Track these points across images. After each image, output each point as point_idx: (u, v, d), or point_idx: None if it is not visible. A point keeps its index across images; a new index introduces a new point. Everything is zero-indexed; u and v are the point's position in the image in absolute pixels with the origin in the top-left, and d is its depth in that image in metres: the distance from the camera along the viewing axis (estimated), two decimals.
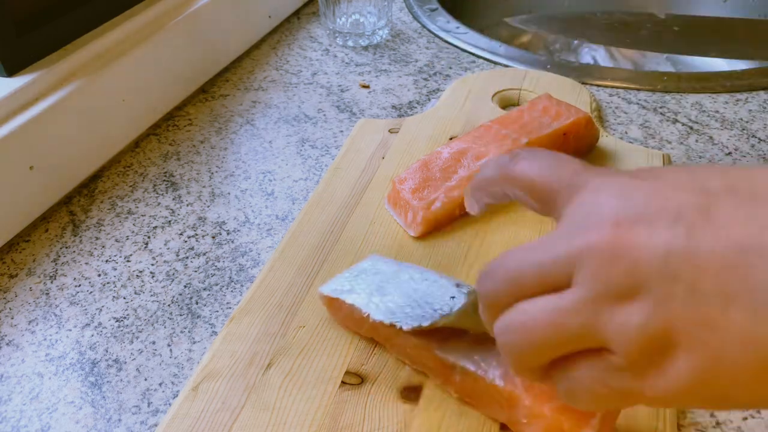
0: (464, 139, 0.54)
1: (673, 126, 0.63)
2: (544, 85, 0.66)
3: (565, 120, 0.54)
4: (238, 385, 0.39)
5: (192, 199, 0.56)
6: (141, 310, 0.47)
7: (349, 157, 0.58)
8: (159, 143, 0.63)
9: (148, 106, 0.63)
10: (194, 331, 0.45)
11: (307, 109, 0.67)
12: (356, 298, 0.40)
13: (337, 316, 0.42)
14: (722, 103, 0.66)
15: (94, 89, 0.56)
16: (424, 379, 0.40)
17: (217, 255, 0.51)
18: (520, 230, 0.50)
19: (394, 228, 0.51)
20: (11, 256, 0.51)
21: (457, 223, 0.51)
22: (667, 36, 0.98)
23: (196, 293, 0.48)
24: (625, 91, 0.68)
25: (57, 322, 0.46)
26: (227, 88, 0.71)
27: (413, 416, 0.38)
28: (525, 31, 1.04)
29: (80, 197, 0.57)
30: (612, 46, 0.96)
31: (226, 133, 0.64)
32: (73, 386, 0.42)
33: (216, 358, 0.41)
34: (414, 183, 0.51)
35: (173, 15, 0.65)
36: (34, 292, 0.48)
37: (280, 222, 0.54)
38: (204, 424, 0.37)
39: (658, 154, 0.57)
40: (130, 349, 0.44)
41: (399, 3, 0.88)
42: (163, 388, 0.41)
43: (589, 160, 0.56)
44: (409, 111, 0.67)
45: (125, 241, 0.52)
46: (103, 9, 0.60)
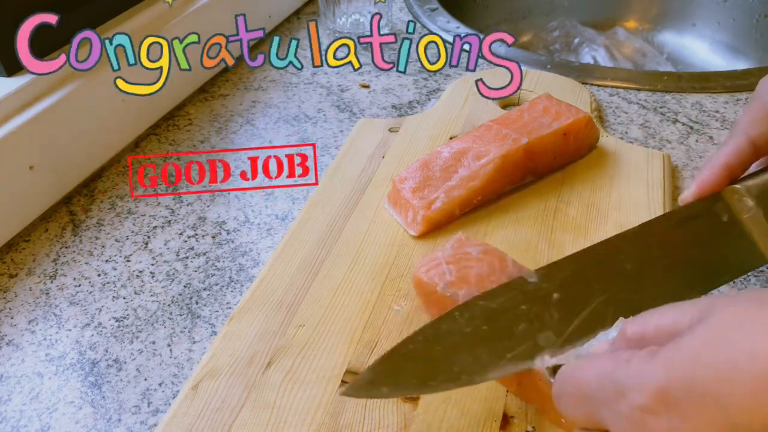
0: (464, 139, 0.54)
1: (674, 126, 0.63)
2: (544, 85, 0.66)
3: (565, 120, 0.54)
4: (238, 384, 0.39)
5: (192, 199, 0.56)
6: (141, 310, 0.47)
7: (349, 157, 0.58)
8: (159, 143, 0.63)
9: (148, 106, 0.63)
10: (194, 331, 0.45)
11: (307, 109, 0.67)
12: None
13: (426, 298, 0.42)
14: (722, 103, 0.66)
15: (94, 89, 0.56)
16: None
17: (217, 255, 0.51)
18: (520, 230, 0.50)
19: (394, 227, 0.51)
20: (11, 256, 0.51)
21: (458, 222, 0.51)
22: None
23: (196, 293, 0.48)
24: (625, 91, 0.68)
25: (57, 322, 0.46)
26: (227, 87, 0.71)
27: (413, 416, 0.37)
28: (525, 31, 1.04)
29: (80, 197, 0.57)
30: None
31: (226, 133, 0.64)
32: (73, 386, 0.42)
33: (216, 357, 0.41)
34: (414, 182, 0.51)
35: (173, 15, 0.65)
36: (34, 292, 0.48)
37: (280, 222, 0.54)
38: (204, 423, 0.37)
39: (658, 154, 0.57)
40: (130, 349, 0.44)
41: (399, 3, 0.88)
42: (163, 388, 0.41)
43: (589, 160, 0.56)
44: (409, 111, 0.67)
45: (125, 241, 0.52)
46: (103, 9, 0.60)
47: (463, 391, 0.39)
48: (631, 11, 1.03)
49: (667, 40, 1.00)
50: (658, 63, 0.95)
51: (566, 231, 0.50)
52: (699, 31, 0.98)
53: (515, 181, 0.53)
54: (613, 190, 0.53)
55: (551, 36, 1.00)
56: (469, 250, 0.42)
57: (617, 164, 0.56)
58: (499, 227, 0.50)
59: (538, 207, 0.52)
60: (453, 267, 0.41)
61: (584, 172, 0.56)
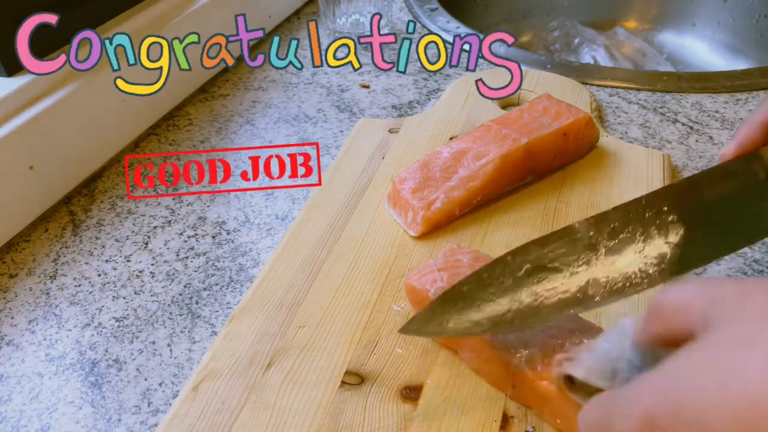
0: (464, 139, 0.54)
1: (673, 126, 0.63)
2: (544, 85, 0.66)
3: (565, 120, 0.54)
4: (238, 385, 0.39)
5: (192, 199, 0.56)
6: (141, 310, 0.47)
7: (349, 157, 0.58)
8: (159, 143, 0.63)
9: (148, 106, 0.63)
10: (194, 331, 0.45)
11: (307, 109, 0.67)
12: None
13: (419, 305, 0.42)
14: (722, 103, 0.66)
15: (94, 89, 0.56)
16: (424, 379, 0.40)
17: (217, 255, 0.51)
18: (520, 230, 0.50)
19: (394, 228, 0.51)
20: (11, 256, 0.51)
21: (457, 222, 0.51)
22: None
23: (196, 293, 0.48)
24: (625, 91, 0.68)
25: (57, 322, 0.46)
26: (227, 87, 0.71)
27: (413, 416, 0.38)
28: (525, 31, 1.04)
29: (80, 197, 0.57)
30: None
31: (226, 133, 0.64)
32: (73, 386, 0.42)
33: (216, 358, 0.41)
34: (414, 183, 0.51)
35: (173, 15, 0.65)
36: (34, 292, 0.48)
37: (280, 222, 0.54)
38: (204, 424, 0.37)
39: (658, 154, 0.57)
40: (130, 349, 0.44)
41: (399, 3, 0.88)
42: (163, 388, 0.41)
43: (589, 160, 0.56)
44: (409, 111, 0.67)
45: (125, 241, 0.52)
46: (103, 9, 0.60)
47: (463, 390, 0.39)
48: (631, 11, 1.03)
49: (667, 40, 1.00)
50: (658, 63, 0.95)
51: None
52: (699, 31, 0.98)
53: (515, 181, 0.53)
54: (613, 190, 0.53)
55: (551, 36, 1.00)
56: (460, 257, 0.42)
57: (617, 164, 0.56)
58: (499, 227, 0.50)
59: (538, 207, 0.52)
60: (445, 273, 0.41)
61: (584, 172, 0.56)
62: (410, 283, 0.42)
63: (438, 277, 0.41)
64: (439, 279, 0.41)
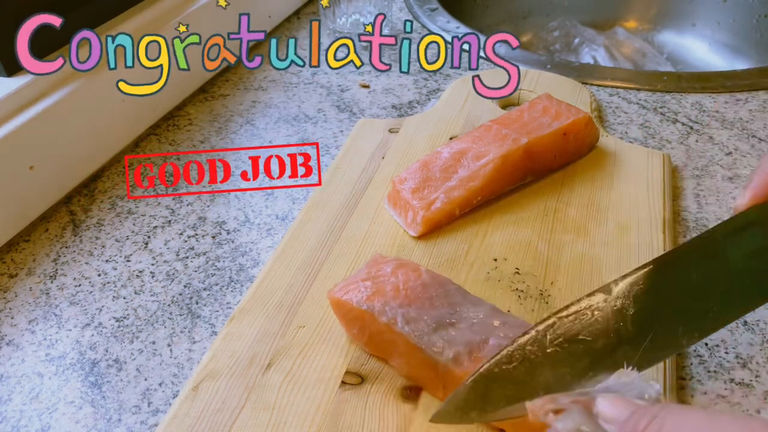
0: (464, 139, 0.54)
1: (673, 126, 0.63)
2: (544, 85, 0.66)
3: (565, 120, 0.54)
4: (238, 385, 0.39)
5: (192, 199, 0.56)
6: (141, 310, 0.47)
7: (349, 157, 0.58)
8: (159, 143, 0.63)
9: (148, 106, 0.63)
10: (194, 331, 0.45)
11: (307, 109, 0.67)
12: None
13: (345, 318, 0.42)
14: (722, 103, 0.66)
15: (94, 89, 0.56)
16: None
17: (217, 255, 0.51)
18: (520, 230, 0.50)
19: (394, 228, 0.51)
20: (11, 255, 0.51)
21: (457, 223, 0.51)
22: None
23: (196, 293, 0.48)
24: (625, 91, 0.68)
25: (57, 322, 0.46)
26: (227, 87, 0.71)
27: (413, 416, 0.38)
28: (525, 31, 1.04)
29: (80, 197, 0.57)
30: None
31: (226, 133, 0.64)
32: (73, 386, 0.42)
33: (216, 358, 0.41)
34: (414, 183, 0.51)
35: (173, 15, 0.65)
36: (34, 292, 0.48)
37: (280, 222, 0.54)
38: (204, 424, 0.37)
39: (658, 153, 0.57)
40: (130, 349, 0.44)
41: (399, 3, 0.88)
42: (163, 388, 0.41)
43: (589, 160, 0.57)
44: (409, 111, 0.67)
45: (125, 240, 0.52)
46: (103, 9, 0.60)
47: None
48: (631, 11, 1.03)
49: (667, 40, 1.00)
50: (658, 63, 0.95)
51: (566, 231, 0.50)
52: (699, 31, 0.98)
53: (515, 181, 0.53)
54: (612, 190, 0.53)
55: (551, 36, 1.00)
56: (383, 266, 0.42)
57: (617, 164, 0.56)
58: (499, 227, 0.50)
59: (538, 207, 0.52)
60: (369, 283, 0.41)
61: (584, 172, 0.56)
62: (335, 297, 0.41)
63: (362, 287, 0.40)
64: (363, 289, 0.40)
